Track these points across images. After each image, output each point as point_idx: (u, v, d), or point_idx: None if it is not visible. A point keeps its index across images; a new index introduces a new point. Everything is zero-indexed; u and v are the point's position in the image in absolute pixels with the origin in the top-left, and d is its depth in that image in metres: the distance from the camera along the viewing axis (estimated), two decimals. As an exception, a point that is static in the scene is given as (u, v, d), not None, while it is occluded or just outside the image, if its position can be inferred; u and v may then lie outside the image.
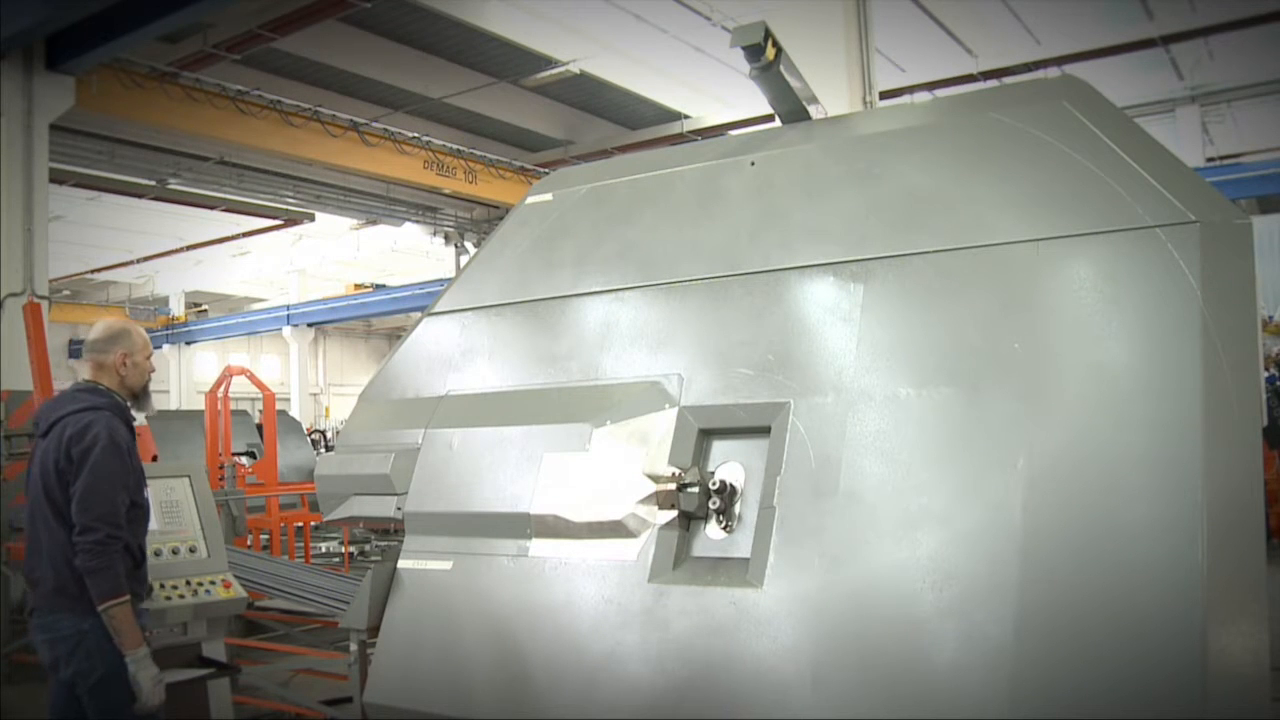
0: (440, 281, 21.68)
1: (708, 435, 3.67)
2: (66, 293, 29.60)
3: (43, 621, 3.01)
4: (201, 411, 11.77)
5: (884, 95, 10.80)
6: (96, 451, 2.97)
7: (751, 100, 13.55)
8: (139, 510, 3.11)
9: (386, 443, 4.46)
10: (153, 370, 3.21)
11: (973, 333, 3.20)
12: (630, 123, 17.42)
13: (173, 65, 13.17)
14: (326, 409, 35.42)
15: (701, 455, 3.65)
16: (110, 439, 3.00)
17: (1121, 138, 3.23)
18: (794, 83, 4.15)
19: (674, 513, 3.57)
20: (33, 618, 3.06)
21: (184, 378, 29.11)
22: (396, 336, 33.94)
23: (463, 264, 14.99)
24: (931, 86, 14.51)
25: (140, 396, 3.18)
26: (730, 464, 3.61)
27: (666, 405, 3.73)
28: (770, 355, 3.59)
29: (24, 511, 3.15)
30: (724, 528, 3.49)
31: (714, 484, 3.45)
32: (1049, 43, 14.04)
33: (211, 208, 20.43)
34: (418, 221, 21.30)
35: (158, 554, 4.11)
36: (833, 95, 8.44)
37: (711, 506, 3.47)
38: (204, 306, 31.56)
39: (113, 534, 2.96)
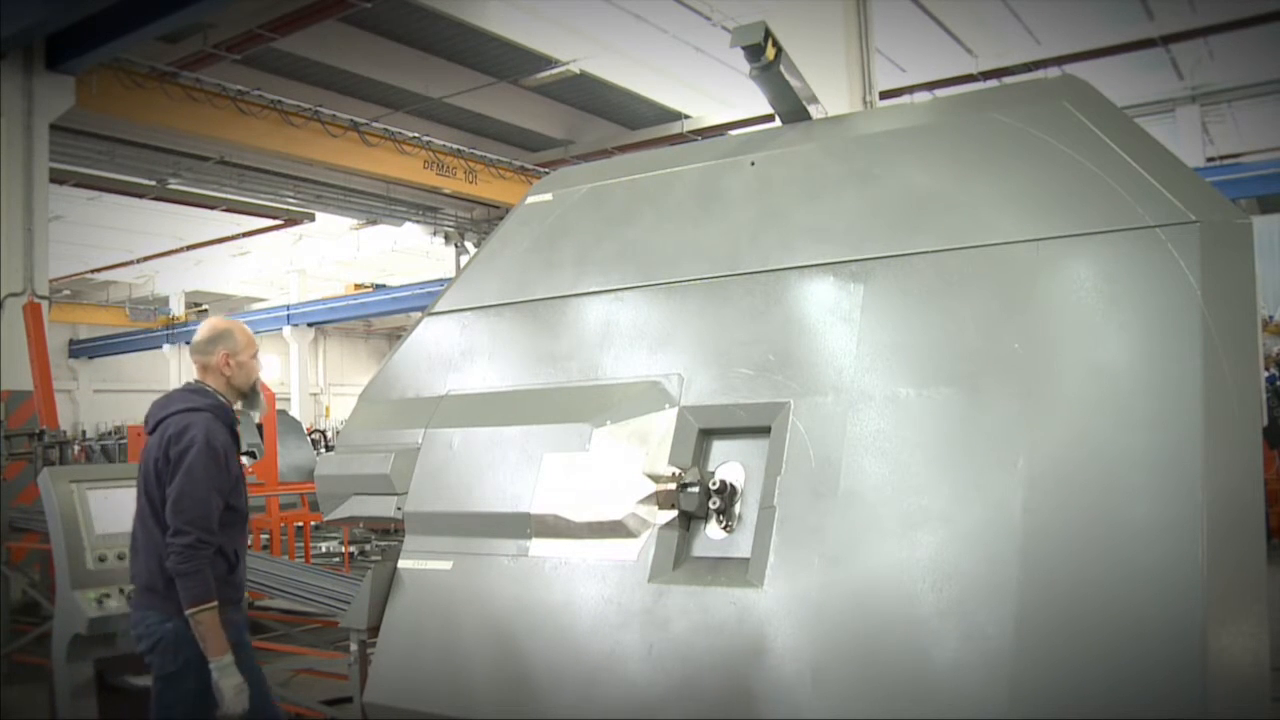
0: (440, 281, 21.67)
1: (708, 435, 3.67)
2: (66, 293, 29.60)
3: (135, 616, 3.06)
4: (201, 411, 11.76)
5: (884, 95, 10.80)
6: (192, 454, 2.98)
7: (751, 100, 13.55)
8: (236, 514, 3.12)
9: (386, 443, 4.46)
10: (260, 368, 3.19)
11: (973, 333, 3.19)
12: (630, 123, 17.42)
13: (173, 65, 13.17)
14: (326, 409, 35.41)
15: (701, 455, 3.65)
16: (206, 442, 3.01)
17: (1121, 138, 3.23)
18: (794, 83, 4.15)
19: (674, 513, 3.57)
20: (132, 610, 3.13)
21: (184, 378, 29.10)
22: (396, 336, 33.94)
23: (463, 264, 14.99)
24: (931, 86, 14.51)
25: (249, 396, 3.19)
26: (730, 464, 3.61)
27: (666, 405, 3.73)
28: (770, 355, 3.59)
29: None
30: (724, 527, 3.49)
31: (714, 484, 3.45)
32: (1049, 43, 14.04)
33: (211, 208, 20.44)
34: (418, 221, 21.30)
35: (158, 554, 4.12)
36: (833, 95, 8.44)
37: (711, 506, 3.47)
38: (204, 306, 31.56)
39: (204, 538, 2.97)
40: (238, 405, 3.35)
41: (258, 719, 3.00)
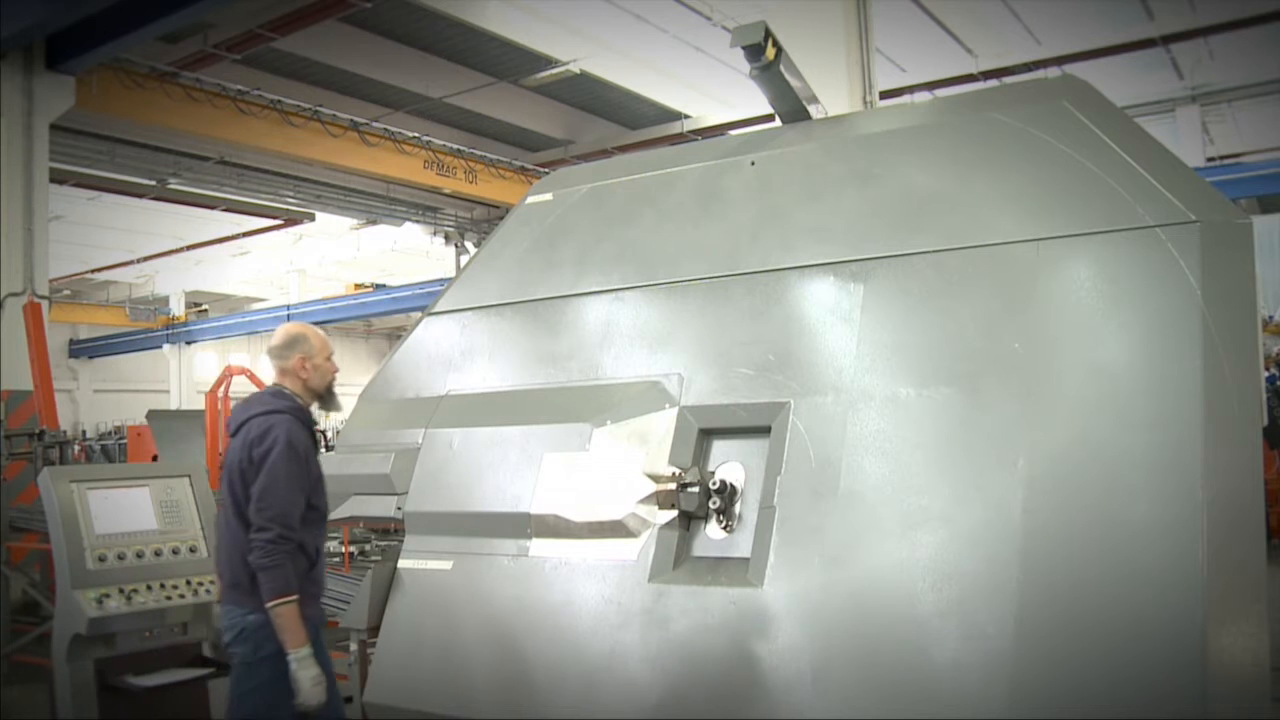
0: (440, 281, 21.66)
1: (708, 435, 3.67)
2: (66, 293, 29.60)
3: (221, 611, 3.20)
4: (202, 411, 11.76)
5: (884, 95, 10.79)
6: (275, 454, 3.08)
7: (751, 100, 13.54)
8: (316, 513, 3.25)
9: (386, 443, 4.46)
10: (336, 370, 3.28)
11: (973, 333, 3.20)
12: (630, 123, 17.42)
13: (173, 65, 13.16)
14: (327, 409, 35.47)
15: (701, 455, 3.65)
16: (288, 443, 3.12)
17: (1121, 138, 3.23)
18: (794, 83, 4.15)
19: (674, 513, 3.57)
20: (221, 605, 3.25)
21: (184, 378, 29.10)
22: (396, 336, 33.92)
23: (463, 264, 14.99)
24: (931, 86, 14.50)
25: (325, 397, 3.30)
26: (730, 464, 3.61)
27: (666, 405, 3.73)
28: (770, 355, 3.59)
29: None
30: (724, 527, 3.49)
31: (714, 484, 3.45)
32: (1049, 43, 14.03)
33: (211, 208, 20.44)
34: (418, 221, 21.30)
35: (158, 554, 4.11)
36: (833, 95, 8.43)
37: (712, 506, 3.47)
38: (204, 306, 31.55)
39: (285, 534, 3.07)
40: (314, 406, 3.49)
41: (329, 714, 3.06)
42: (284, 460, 3.08)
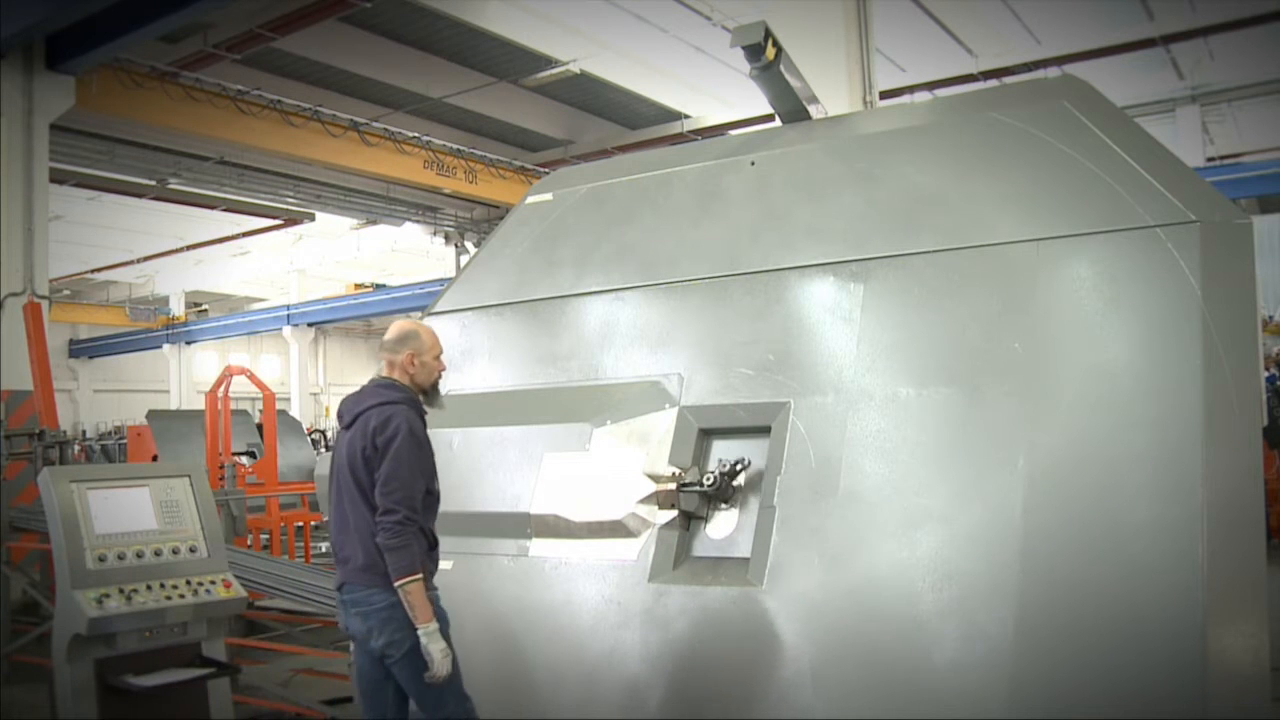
0: (440, 281, 21.66)
1: (708, 435, 3.67)
2: (66, 293, 29.58)
3: (355, 596, 3.27)
4: (202, 411, 11.75)
5: (884, 95, 10.78)
6: (398, 441, 3.22)
7: (751, 100, 13.52)
8: (432, 498, 3.40)
9: (386, 443, 4.46)
10: (442, 369, 3.42)
11: (973, 333, 3.20)
12: (630, 123, 17.41)
13: (173, 65, 13.15)
14: (326, 409, 35.40)
15: (701, 455, 3.65)
16: (410, 430, 3.27)
17: (1121, 138, 3.23)
18: (794, 82, 4.15)
19: (674, 513, 3.57)
20: (341, 592, 3.33)
21: (184, 378, 29.10)
22: (396, 336, 33.82)
23: (463, 264, 14.99)
24: (931, 86, 14.49)
25: (429, 393, 3.46)
26: (730, 464, 3.60)
27: (666, 405, 3.74)
28: (770, 355, 3.59)
29: (330, 498, 3.45)
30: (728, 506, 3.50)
31: (724, 468, 3.45)
32: (1049, 43, 14.03)
33: (211, 208, 20.43)
34: (418, 221, 21.29)
35: (158, 554, 4.11)
36: (833, 95, 8.42)
37: (706, 484, 3.47)
38: (204, 306, 31.54)
39: (410, 516, 3.21)
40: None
41: (450, 687, 3.24)
42: (407, 446, 3.23)
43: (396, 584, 3.14)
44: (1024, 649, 2.75)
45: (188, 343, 29.22)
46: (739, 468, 3.44)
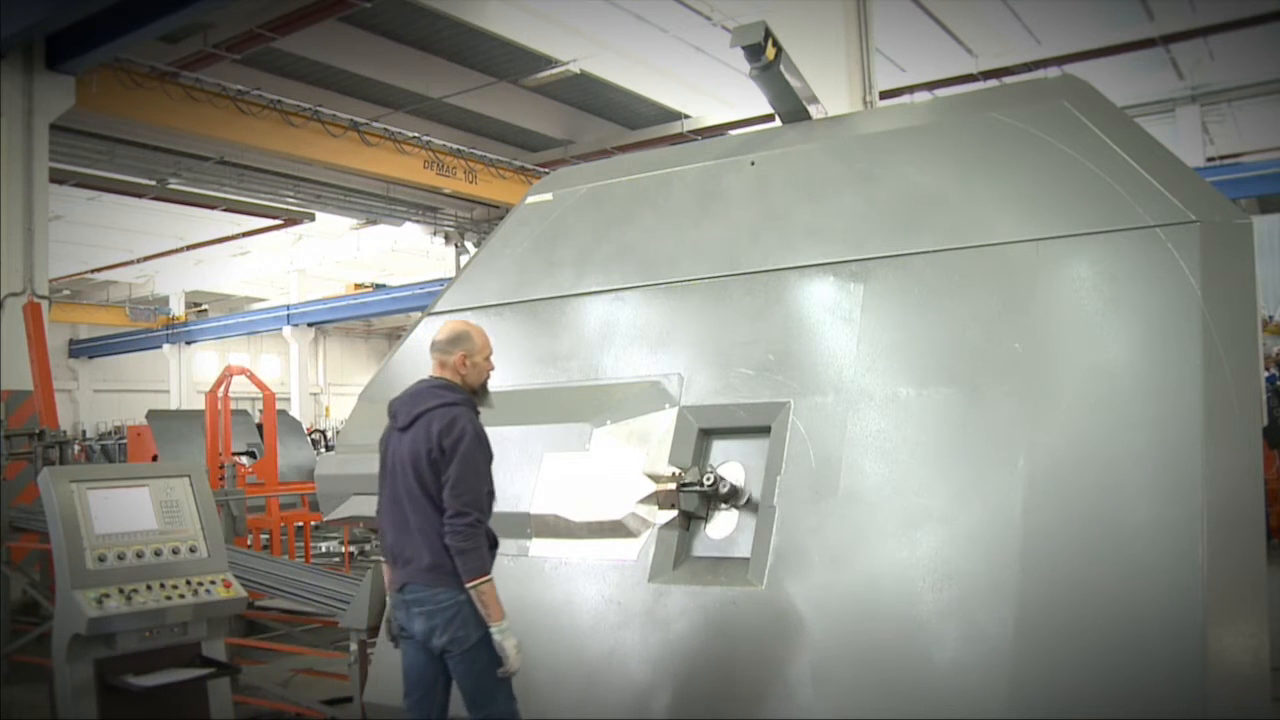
0: (440, 281, 21.65)
1: (708, 435, 3.67)
2: (66, 293, 29.58)
3: (420, 595, 3.27)
4: (201, 411, 11.75)
5: (884, 95, 10.78)
6: (465, 443, 3.24)
7: (751, 100, 13.52)
8: (491, 498, 3.41)
9: (386, 443, 4.46)
10: (492, 369, 3.40)
11: (973, 333, 3.20)
12: (630, 123, 17.41)
13: (173, 65, 13.15)
14: (326, 409, 35.41)
15: (701, 455, 3.65)
16: (476, 432, 3.29)
17: (1121, 138, 3.23)
18: (794, 82, 4.15)
19: (674, 513, 3.57)
20: (402, 593, 3.32)
21: (184, 378, 29.10)
22: (396, 336, 33.92)
23: (463, 264, 14.99)
24: (931, 86, 14.49)
25: (479, 393, 3.45)
26: (730, 464, 3.61)
27: (666, 405, 3.74)
28: (770, 355, 3.59)
29: (384, 499, 3.43)
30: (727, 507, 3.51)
31: (709, 479, 3.46)
32: (1049, 43, 14.02)
33: (211, 208, 20.42)
34: (418, 221, 21.29)
35: (158, 554, 4.11)
36: (833, 95, 8.42)
37: (705, 483, 3.48)
38: (204, 306, 31.53)
39: (481, 518, 3.24)
40: None
41: (503, 686, 3.29)
42: (475, 448, 3.25)
43: (469, 585, 3.15)
44: (1024, 649, 2.75)
45: (188, 343, 29.21)
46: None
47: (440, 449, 3.23)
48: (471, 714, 3.21)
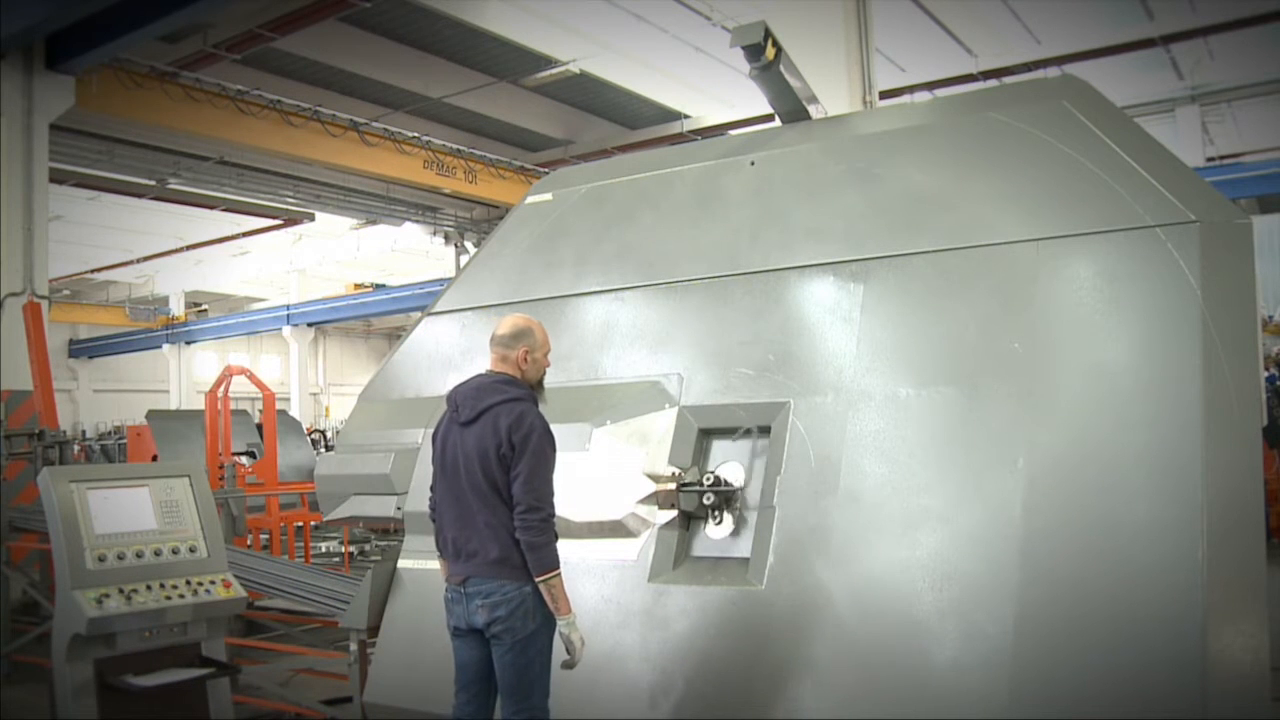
0: (440, 281, 21.65)
1: (708, 435, 3.67)
2: (66, 293, 29.57)
3: (485, 588, 3.28)
4: (201, 411, 11.75)
5: (884, 95, 10.78)
6: (535, 438, 3.26)
7: (751, 100, 13.52)
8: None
9: (386, 442, 4.47)
10: (548, 365, 3.40)
11: (973, 333, 3.20)
12: (630, 123, 17.41)
13: (173, 65, 13.15)
14: (326, 409, 35.41)
15: (701, 455, 3.65)
16: (544, 428, 3.31)
17: (1121, 138, 3.23)
18: (794, 82, 4.15)
19: (674, 513, 3.57)
20: (464, 587, 3.33)
21: (184, 378, 29.10)
22: (396, 336, 33.91)
23: (463, 264, 14.99)
24: (931, 86, 14.49)
25: (536, 388, 3.51)
26: (730, 464, 3.61)
27: (666, 405, 3.74)
28: (770, 355, 3.59)
29: (440, 492, 3.45)
30: (718, 524, 3.50)
31: (709, 479, 3.45)
32: (1049, 43, 14.02)
33: (211, 208, 20.42)
34: (418, 221, 21.29)
35: (158, 554, 4.11)
36: (833, 95, 8.42)
37: (706, 503, 3.48)
38: (204, 306, 31.53)
39: (552, 513, 3.26)
40: None
41: (540, 681, 3.29)
42: (545, 443, 3.27)
43: (540, 579, 3.17)
44: (1024, 649, 2.75)
45: (188, 343, 29.21)
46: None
47: (510, 444, 3.24)
48: (507, 705, 3.21)
